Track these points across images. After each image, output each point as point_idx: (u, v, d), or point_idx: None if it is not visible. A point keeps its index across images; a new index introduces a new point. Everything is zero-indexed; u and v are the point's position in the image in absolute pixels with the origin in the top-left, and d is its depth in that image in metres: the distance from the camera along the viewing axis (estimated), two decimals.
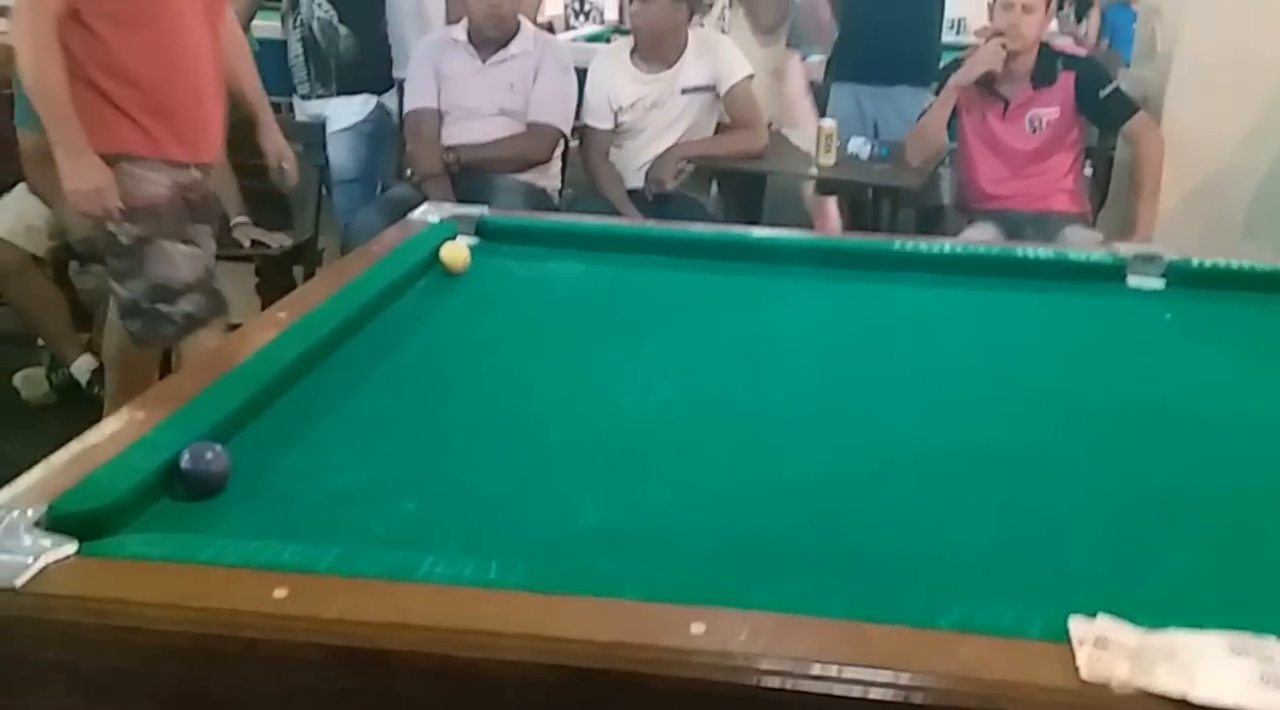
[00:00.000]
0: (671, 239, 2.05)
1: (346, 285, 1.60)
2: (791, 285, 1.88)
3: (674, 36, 3.43)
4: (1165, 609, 0.92)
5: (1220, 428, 1.41)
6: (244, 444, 1.19)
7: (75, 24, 2.27)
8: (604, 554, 1.04)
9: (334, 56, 3.66)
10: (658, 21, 3.38)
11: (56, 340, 3.29)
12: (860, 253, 2.01)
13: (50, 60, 2.25)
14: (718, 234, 2.10)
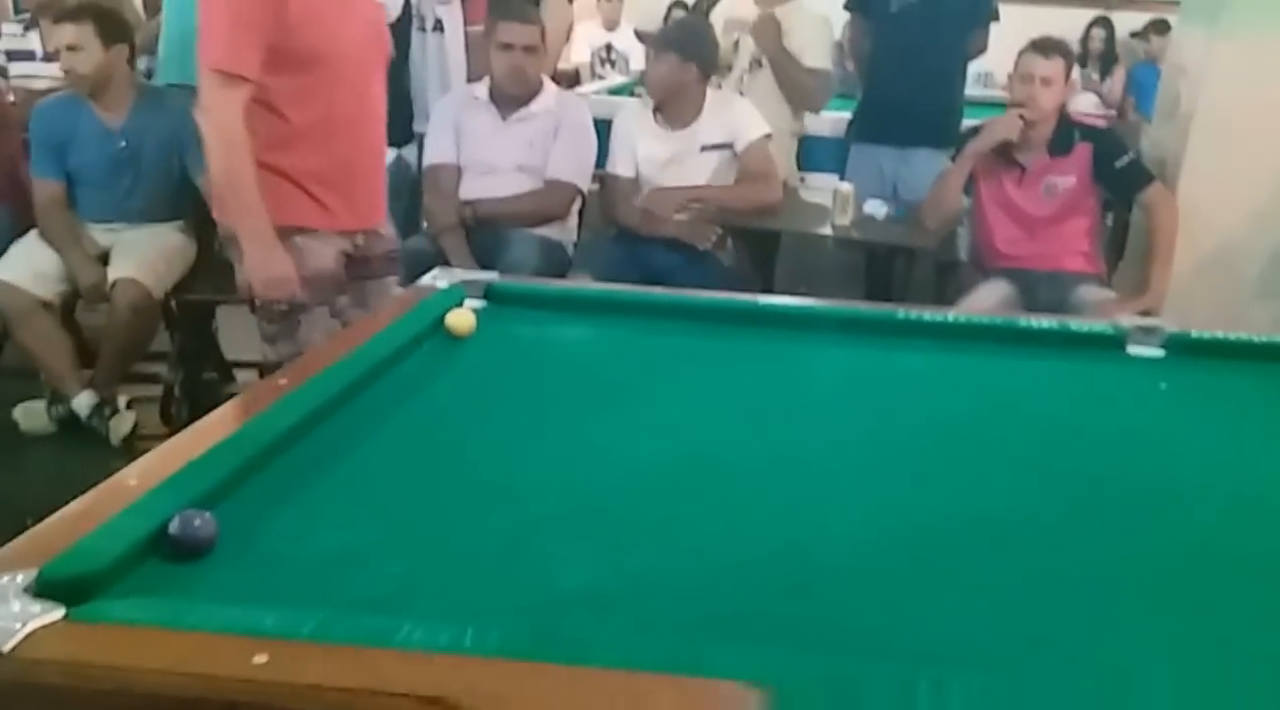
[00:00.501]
0: (677, 306, 2.08)
1: (350, 352, 1.64)
2: (793, 351, 1.90)
3: (688, 96, 3.48)
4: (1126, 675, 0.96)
5: (1201, 498, 1.43)
6: (235, 507, 1.22)
7: (258, 106, 2.28)
8: (581, 619, 1.06)
9: None
10: (666, 79, 3.44)
11: (60, 378, 3.39)
12: (864, 320, 2.04)
13: (241, 153, 2.27)
14: (722, 301, 2.13)
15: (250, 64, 2.24)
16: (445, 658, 0.93)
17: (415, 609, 1.04)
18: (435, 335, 1.84)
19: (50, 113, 3.50)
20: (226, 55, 2.24)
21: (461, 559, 1.18)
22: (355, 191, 2.48)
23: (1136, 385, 1.86)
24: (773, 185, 3.54)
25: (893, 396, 1.77)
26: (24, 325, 3.33)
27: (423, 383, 1.68)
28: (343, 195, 2.44)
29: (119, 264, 3.41)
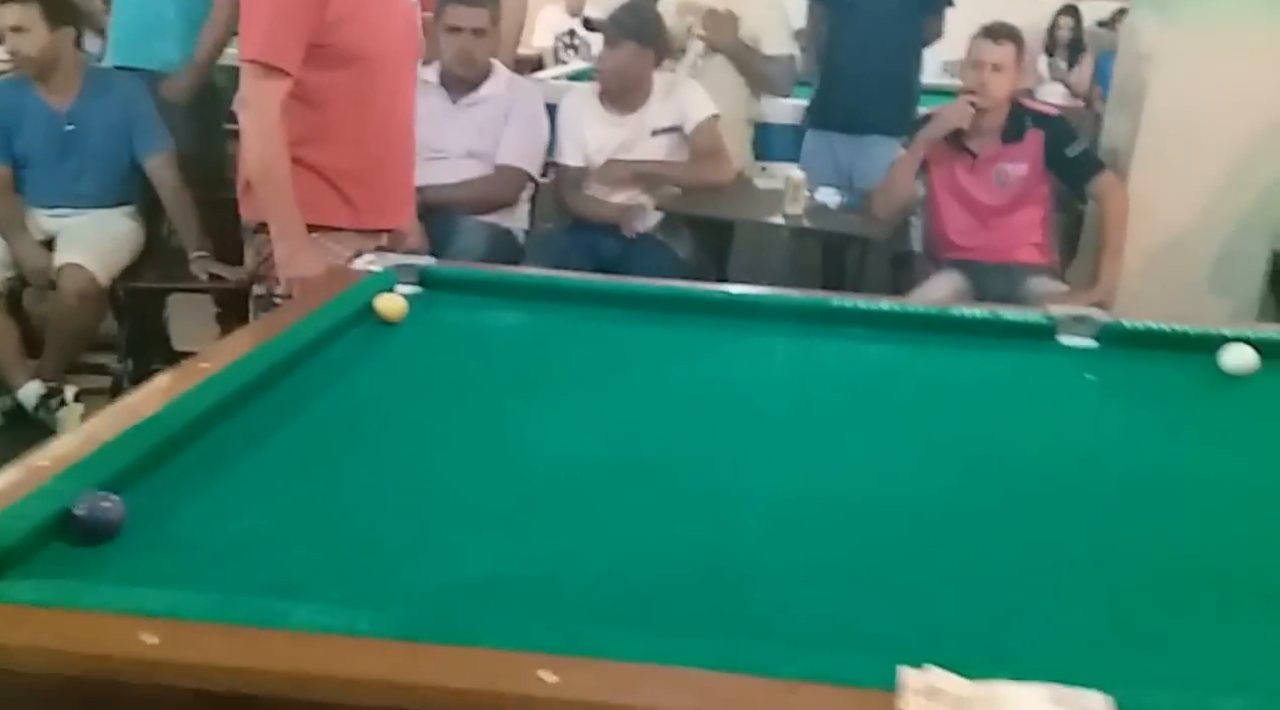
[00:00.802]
0: (612, 293, 2.08)
1: (275, 335, 1.63)
2: (725, 339, 1.91)
3: (640, 82, 3.50)
4: (1018, 662, 0.97)
5: (1116, 487, 1.46)
6: (147, 491, 1.23)
7: (297, 101, 2.28)
8: (482, 604, 1.07)
9: None
10: (625, 68, 3.46)
11: (5, 368, 3.37)
12: (799, 308, 2.05)
13: (278, 146, 2.26)
14: (656, 288, 2.14)
15: (291, 58, 2.24)
16: (337, 639, 0.94)
17: (317, 594, 1.04)
18: (365, 320, 1.84)
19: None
20: (267, 48, 2.24)
21: (370, 546, 1.19)
22: (385, 191, 2.48)
23: (1066, 375, 1.88)
24: (722, 164, 3.56)
25: (822, 385, 1.78)
26: None
27: (347, 368, 1.68)
28: (372, 194, 2.43)
29: (65, 250, 3.39)
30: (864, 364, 1.88)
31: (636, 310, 2.00)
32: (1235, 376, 1.85)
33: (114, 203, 3.56)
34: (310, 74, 2.27)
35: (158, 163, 3.52)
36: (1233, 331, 1.94)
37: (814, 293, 2.11)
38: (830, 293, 2.10)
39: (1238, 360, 1.87)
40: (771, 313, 2.02)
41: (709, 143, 3.52)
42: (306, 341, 1.66)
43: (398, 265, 2.03)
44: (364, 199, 2.41)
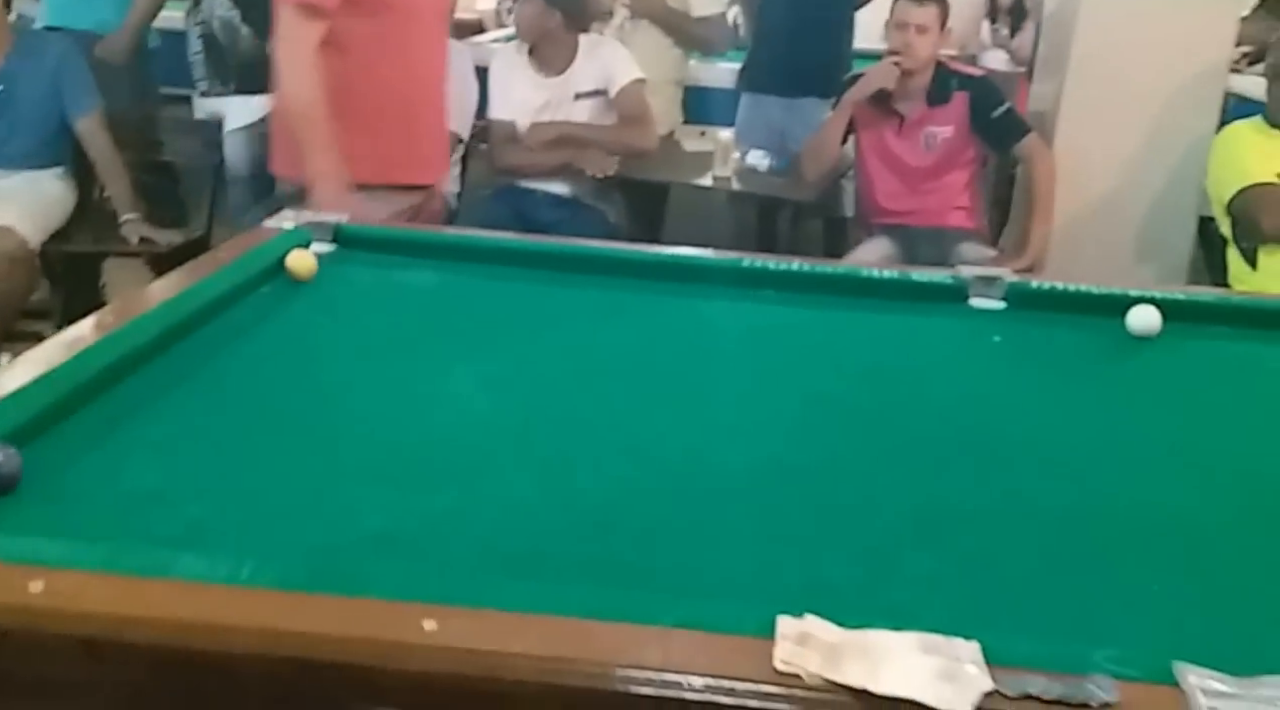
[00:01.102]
0: (524, 251, 2.10)
1: (182, 291, 1.64)
2: (634, 300, 1.94)
3: (557, 42, 3.49)
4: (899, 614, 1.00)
5: (1009, 446, 1.50)
6: (46, 446, 1.24)
7: (330, 49, 2.25)
8: (371, 557, 1.10)
9: (233, 56, 3.70)
10: (530, 23, 3.46)
11: None
12: (708, 269, 2.07)
13: (315, 87, 2.24)
14: (573, 248, 2.16)
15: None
16: (218, 588, 0.97)
17: (208, 547, 1.07)
18: (276, 278, 1.84)
19: None
20: None
21: (265, 501, 1.21)
22: (419, 144, 2.46)
23: (971, 336, 1.92)
24: (646, 129, 3.55)
25: (727, 346, 1.82)
26: None
27: (254, 325, 1.69)
28: (408, 148, 2.42)
29: None
30: (772, 325, 1.91)
31: (548, 270, 2.02)
32: (1141, 338, 1.90)
33: (44, 164, 3.53)
34: (343, 21, 2.25)
35: (88, 124, 3.50)
36: (1138, 292, 1.98)
37: (725, 253, 2.12)
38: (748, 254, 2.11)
39: (1142, 321, 1.91)
40: (682, 273, 2.03)
41: (632, 107, 3.52)
42: (213, 298, 1.67)
43: (311, 223, 2.02)
44: (398, 154, 2.40)
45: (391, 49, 2.35)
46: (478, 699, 0.93)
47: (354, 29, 2.28)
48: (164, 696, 0.95)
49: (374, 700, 0.93)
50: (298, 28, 2.24)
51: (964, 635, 0.97)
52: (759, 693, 0.91)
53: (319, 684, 0.93)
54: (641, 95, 3.54)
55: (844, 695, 0.91)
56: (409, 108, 2.42)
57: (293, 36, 2.25)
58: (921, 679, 0.93)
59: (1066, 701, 0.91)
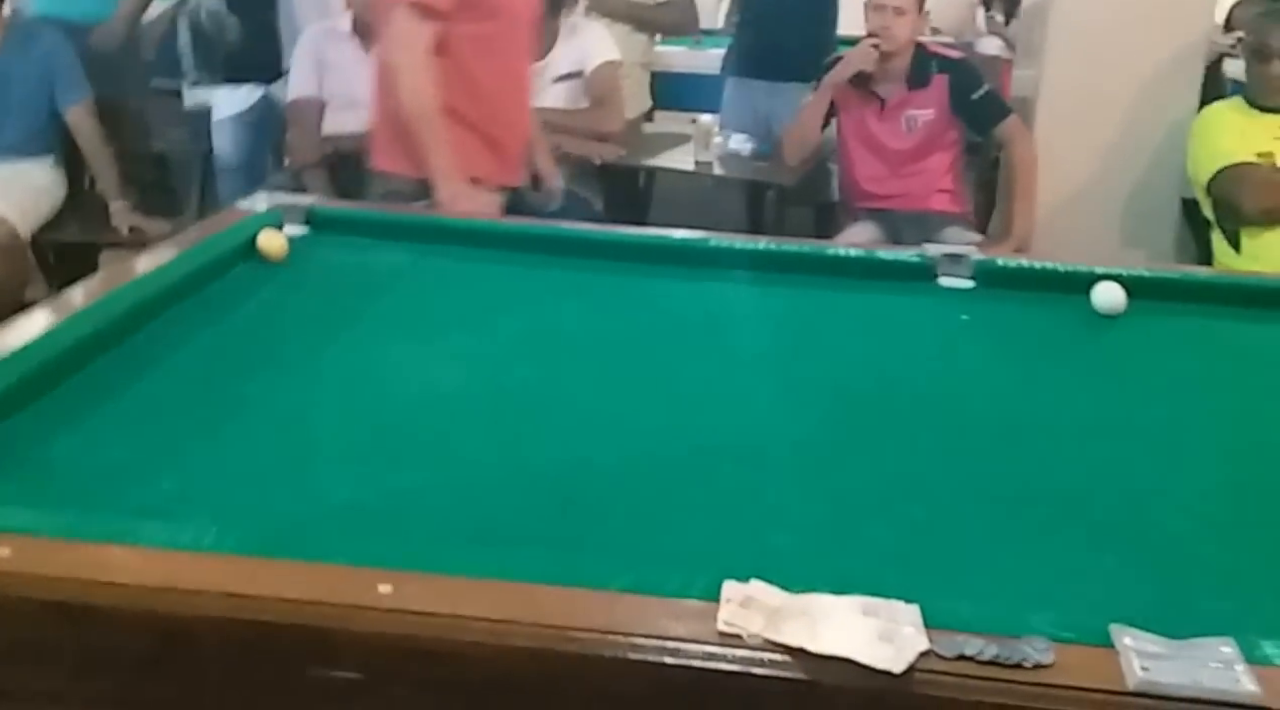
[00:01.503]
0: (494, 232, 2.13)
1: (153, 270, 1.68)
2: (603, 281, 1.97)
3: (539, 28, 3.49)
4: (846, 581, 1.02)
5: (970, 422, 1.53)
6: (22, 422, 1.28)
7: (437, 53, 2.31)
8: (335, 527, 1.14)
9: (221, 45, 3.75)
10: None
11: None
12: (677, 250, 2.11)
13: (429, 88, 2.30)
14: (542, 229, 2.20)
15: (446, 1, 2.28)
16: (181, 554, 1.00)
17: (176, 517, 1.10)
18: (248, 259, 1.87)
19: None
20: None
21: (232, 474, 1.25)
22: (508, 146, 2.50)
23: (939, 314, 1.95)
24: (610, 112, 3.55)
25: (695, 325, 1.85)
26: None
27: (225, 305, 1.72)
28: (497, 149, 2.46)
29: None
30: (739, 305, 1.94)
31: (519, 251, 2.05)
32: (1106, 315, 1.93)
33: (34, 153, 3.56)
34: (451, 24, 2.30)
35: (78, 112, 3.54)
36: (1104, 269, 2.01)
37: (692, 233, 2.15)
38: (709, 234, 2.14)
39: (1107, 298, 1.94)
40: (650, 254, 2.07)
41: (601, 89, 3.53)
42: (184, 277, 1.70)
43: (283, 205, 2.05)
44: (491, 155, 2.45)
45: (491, 52, 2.41)
46: (431, 660, 0.96)
47: (459, 31, 2.33)
48: (128, 658, 0.98)
49: (331, 661, 0.96)
50: (414, 30, 2.29)
51: (907, 600, 1.00)
52: (701, 653, 0.95)
53: (277, 646, 0.96)
54: (611, 77, 3.55)
55: (783, 654, 0.95)
56: (502, 110, 2.48)
57: (409, 39, 2.30)
58: (859, 639, 0.96)
59: (1001, 661, 0.94)
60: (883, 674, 0.92)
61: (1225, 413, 1.62)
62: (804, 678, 0.94)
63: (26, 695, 0.99)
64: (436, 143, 2.34)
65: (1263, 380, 1.74)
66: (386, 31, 2.37)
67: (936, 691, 0.93)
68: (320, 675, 0.96)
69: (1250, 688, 0.92)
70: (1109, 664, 0.94)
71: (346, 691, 0.96)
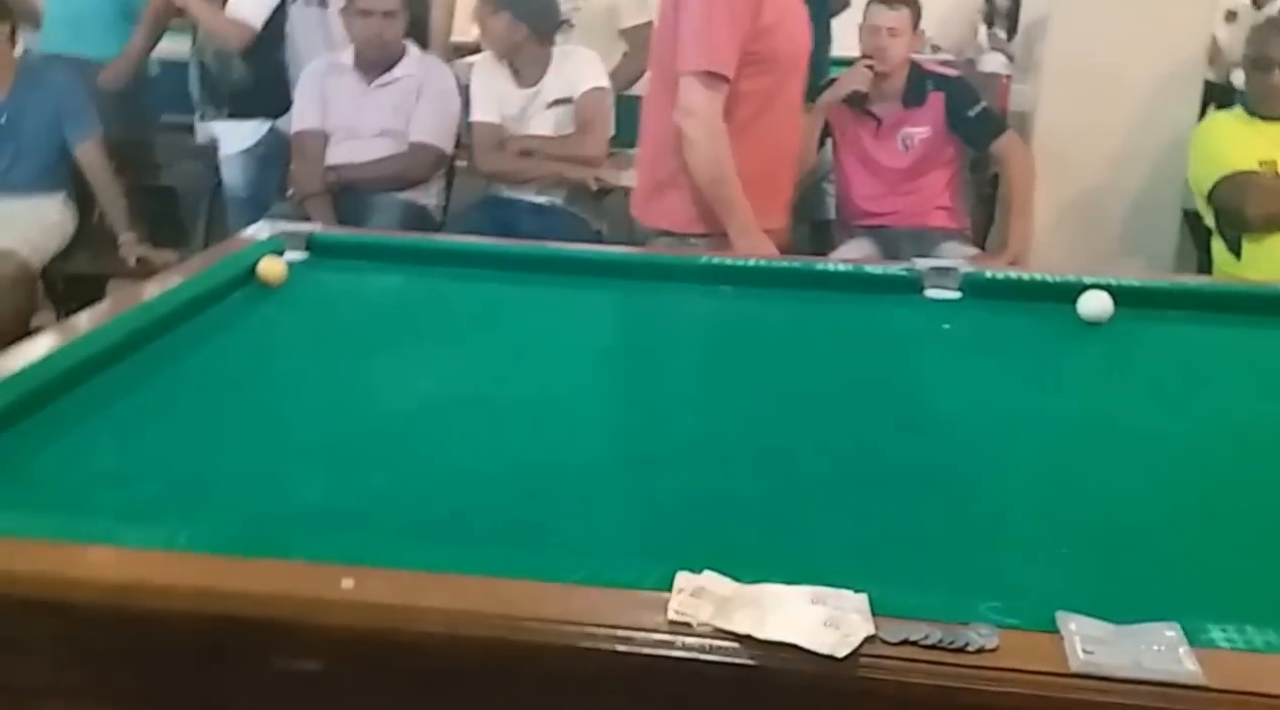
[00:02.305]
0: (487, 253, 2.19)
1: (154, 296, 1.74)
2: (597, 297, 2.02)
3: (527, 54, 3.56)
4: (800, 572, 1.05)
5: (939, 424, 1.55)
6: (16, 436, 1.34)
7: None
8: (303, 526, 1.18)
9: (226, 84, 3.86)
10: (499, 38, 3.53)
11: None
12: (669, 267, 2.15)
13: (727, 152, 2.35)
14: (536, 249, 2.25)
15: (732, 65, 2.34)
16: (155, 553, 1.04)
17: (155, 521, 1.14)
18: (248, 284, 1.93)
19: None
20: (716, 57, 2.33)
21: (211, 481, 1.30)
22: (778, 192, 2.56)
23: (924, 326, 1.97)
24: (594, 138, 3.57)
25: (680, 337, 1.90)
26: None
27: (223, 327, 1.78)
28: (770, 197, 2.50)
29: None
30: (725, 318, 1.98)
31: (512, 271, 2.10)
32: (1092, 323, 1.94)
33: (46, 189, 3.65)
34: (737, 81, 2.35)
35: (87, 149, 3.62)
36: (1092, 279, 2.03)
37: (680, 252, 2.20)
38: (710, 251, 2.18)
39: (1092, 307, 1.96)
40: (641, 271, 2.11)
41: (587, 115, 3.57)
42: (184, 302, 1.76)
43: (284, 232, 2.11)
44: (765, 202, 2.49)
45: (768, 104, 2.45)
46: (392, 650, 0.99)
47: (741, 90, 2.38)
48: (101, 652, 1.02)
49: (296, 653, 1.00)
50: (707, 98, 2.34)
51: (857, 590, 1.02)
52: (652, 640, 0.97)
53: (244, 639, 1.00)
54: (598, 103, 3.58)
55: (730, 641, 0.97)
56: (774, 157, 2.52)
57: (704, 108, 2.34)
58: (805, 626, 0.99)
59: (944, 646, 0.97)
60: (826, 658, 0.95)
61: (1199, 413, 1.63)
62: (749, 663, 0.96)
63: (7, 688, 1.03)
64: (737, 207, 2.40)
65: (1242, 381, 1.76)
66: (677, 100, 2.39)
67: (880, 675, 0.95)
68: (284, 666, 1.00)
69: (1191, 668, 0.94)
70: (1053, 648, 0.97)
71: (310, 681, 1.00)
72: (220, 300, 1.85)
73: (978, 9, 7.37)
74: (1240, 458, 1.48)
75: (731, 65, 2.34)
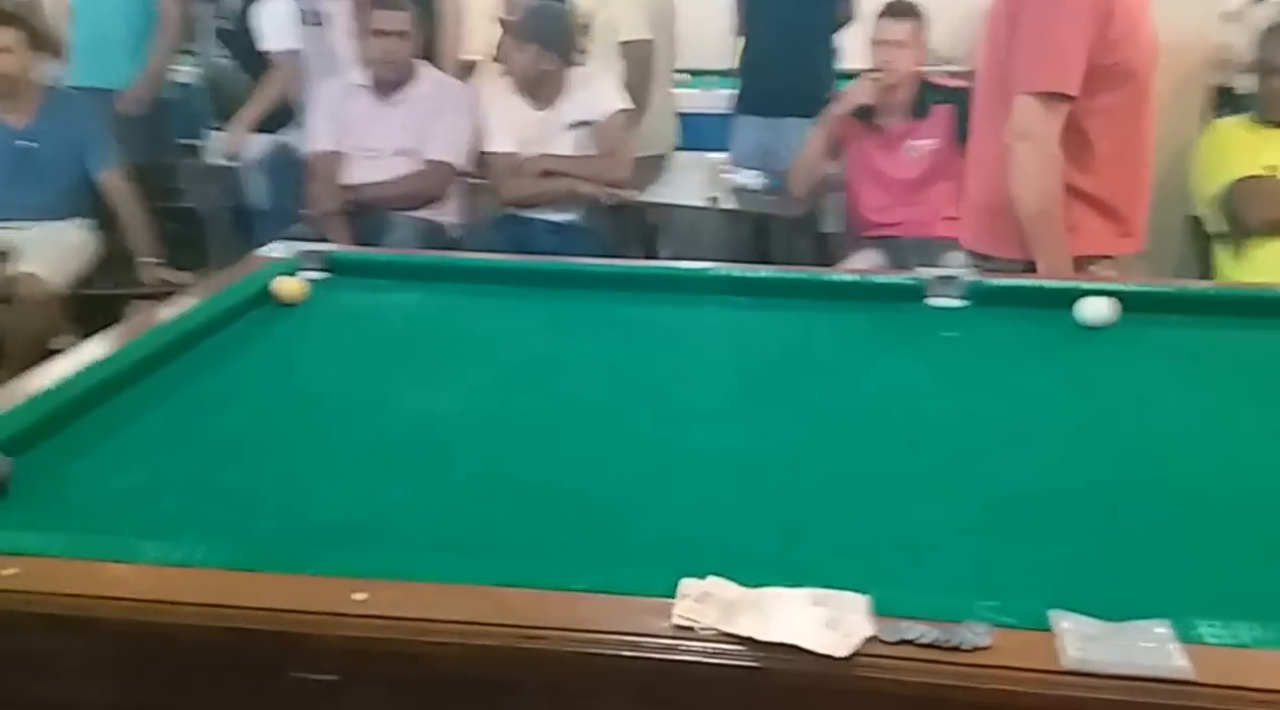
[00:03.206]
0: (506, 269, 2.23)
1: (172, 317, 1.78)
2: (609, 310, 2.05)
3: (550, 80, 3.61)
4: (805, 576, 1.08)
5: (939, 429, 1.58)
6: (39, 454, 1.38)
7: (1065, 128, 2.21)
8: (319, 541, 1.21)
9: (232, 96, 4.01)
10: (527, 69, 3.57)
11: None
12: (680, 279, 2.18)
13: (1058, 179, 2.22)
14: (551, 265, 2.29)
15: (1076, 82, 2.19)
16: (175, 569, 1.08)
17: (174, 536, 1.18)
18: (264, 303, 1.98)
19: None
20: (1059, 76, 2.19)
21: (230, 497, 1.33)
22: (1140, 212, 2.41)
23: (927, 333, 1.99)
24: (619, 160, 3.63)
25: (691, 349, 1.92)
26: None
27: (241, 345, 1.83)
28: (1134, 217, 2.37)
29: (21, 260, 3.55)
30: (733, 329, 2.01)
31: (529, 286, 2.14)
32: (1092, 328, 1.96)
33: (68, 215, 3.74)
34: (1082, 99, 2.20)
35: (109, 177, 3.72)
36: (1091, 285, 2.06)
37: (690, 265, 2.23)
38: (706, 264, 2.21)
39: (1091, 312, 1.98)
40: (653, 284, 2.15)
41: (608, 139, 3.62)
42: (202, 322, 1.81)
43: (304, 252, 2.16)
44: (1131, 223, 2.38)
45: (1125, 121, 2.30)
46: (404, 661, 1.03)
47: (1090, 106, 2.23)
48: (122, 665, 1.06)
49: (310, 664, 1.03)
50: (1044, 119, 2.19)
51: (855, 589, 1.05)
52: (658, 645, 1.01)
53: (259, 651, 1.03)
54: (617, 125, 3.63)
55: (734, 643, 1.00)
56: (1121, 179, 2.36)
57: (1040, 130, 2.20)
58: (807, 627, 1.02)
59: (940, 645, 1.00)
60: (827, 659, 0.97)
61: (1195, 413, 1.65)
62: (753, 665, 0.99)
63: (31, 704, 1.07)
64: (1054, 239, 2.27)
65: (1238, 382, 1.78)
66: (1010, 120, 2.24)
67: (878, 674, 0.98)
68: (300, 677, 1.03)
69: (1180, 664, 0.97)
70: (1045, 646, 0.99)
71: (324, 692, 1.03)
72: (239, 319, 1.89)
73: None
74: (1239, 458, 1.50)
75: (1075, 83, 2.18)
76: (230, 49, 3.95)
